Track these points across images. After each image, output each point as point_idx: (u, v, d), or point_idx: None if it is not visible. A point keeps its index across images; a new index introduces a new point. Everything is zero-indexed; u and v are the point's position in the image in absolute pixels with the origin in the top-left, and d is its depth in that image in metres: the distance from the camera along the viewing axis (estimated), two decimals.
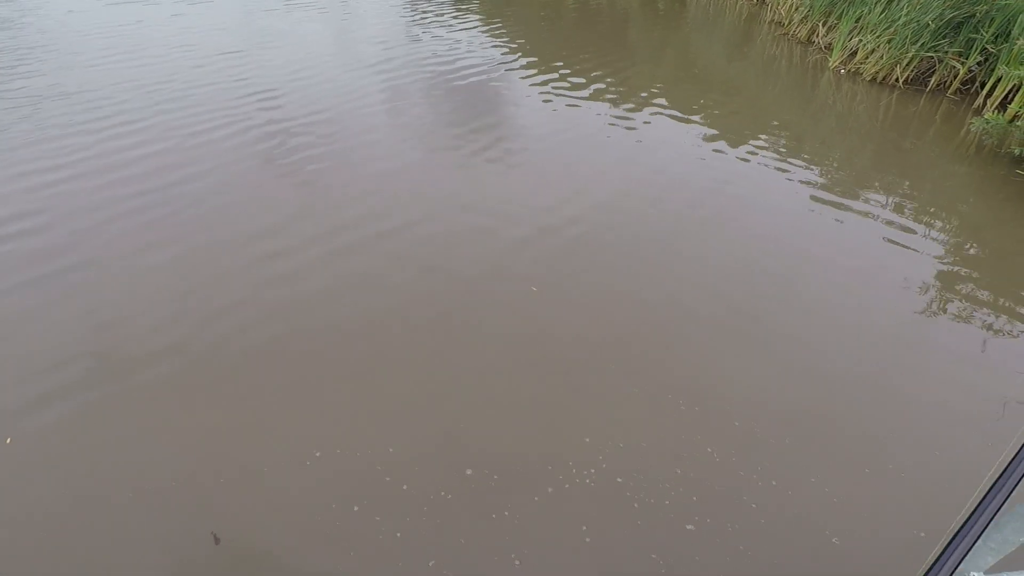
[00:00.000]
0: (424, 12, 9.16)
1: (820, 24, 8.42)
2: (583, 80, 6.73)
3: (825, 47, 8.16)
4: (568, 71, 6.98)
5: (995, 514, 0.86)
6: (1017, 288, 3.75)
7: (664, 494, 2.37)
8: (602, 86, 6.60)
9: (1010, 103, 5.96)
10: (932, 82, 7.01)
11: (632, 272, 3.67)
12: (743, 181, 4.85)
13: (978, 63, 6.66)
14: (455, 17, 8.98)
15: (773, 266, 3.84)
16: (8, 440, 2.46)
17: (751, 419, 2.72)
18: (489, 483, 2.38)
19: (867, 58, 7.26)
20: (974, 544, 0.86)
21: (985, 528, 0.86)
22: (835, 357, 3.13)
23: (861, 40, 7.31)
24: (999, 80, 6.32)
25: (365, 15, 8.77)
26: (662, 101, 6.33)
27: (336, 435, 2.54)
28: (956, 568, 0.86)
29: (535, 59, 7.39)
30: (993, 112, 5.92)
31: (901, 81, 7.05)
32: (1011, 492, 0.88)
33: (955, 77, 6.88)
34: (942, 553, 0.87)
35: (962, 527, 0.86)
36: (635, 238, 4.02)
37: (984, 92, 6.51)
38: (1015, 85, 6.11)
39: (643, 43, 8.94)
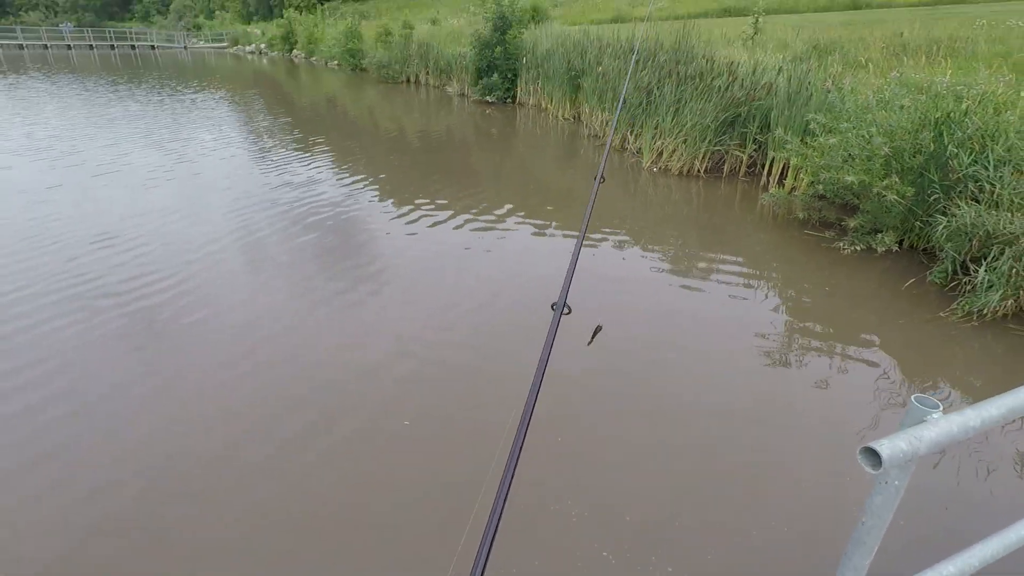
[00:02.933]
0: (273, 158, 9.30)
1: (629, 133, 9.83)
2: (435, 203, 7.11)
3: (636, 151, 9.48)
4: (420, 197, 7.36)
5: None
6: (837, 323, 4.38)
7: None
8: (454, 207, 7.00)
9: (785, 179, 7.28)
10: (726, 169, 8.37)
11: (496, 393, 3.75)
12: (598, 270, 5.30)
13: (754, 150, 8.11)
14: (303, 160, 9.20)
15: (644, 332, 4.15)
16: None
17: (642, 500, 2.79)
18: None
19: (671, 156, 8.53)
20: None
21: None
22: (709, 395, 3.39)
23: (663, 143, 8.62)
24: (773, 162, 7.72)
25: (215, 172, 8.69)
26: (515, 218, 6.84)
27: None
28: None
29: (387, 190, 7.72)
30: (776, 187, 7.15)
31: (702, 171, 8.34)
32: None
33: (741, 163, 8.28)
34: None
35: None
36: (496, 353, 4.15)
37: (765, 172, 7.89)
38: (784, 164, 7.49)
39: (485, 166, 9.76)
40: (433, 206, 7.06)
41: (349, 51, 24.94)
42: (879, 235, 5.36)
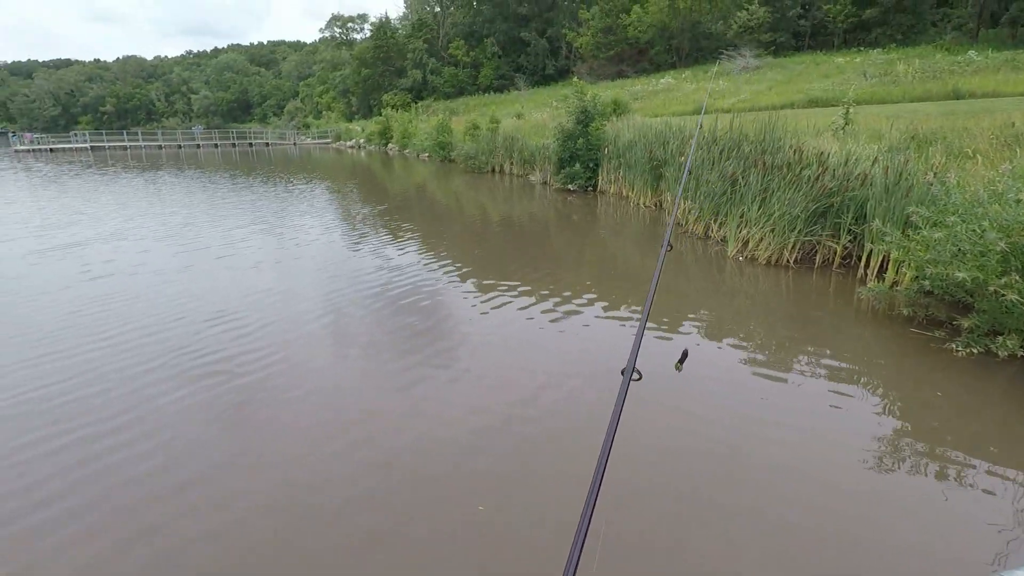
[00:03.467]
0: (368, 242, 9.96)
1: (712, 221, 9.76)
2: (517, 285, 7.27)
3: (721, 239, 9.35)
4: (503, 279, 7.56)
5: None
6: (952, 434, 3.93)
7: None
8: (537, 289, 7.12)
9: (885, 272, 6.87)
10: (818, 260, 8.04)
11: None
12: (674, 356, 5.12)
13: (849, 241, 7.77)
14: (394, 244, 9.79)
15: (724, 436, 3.90)
16: None
17: None
18: None
19: (758, 245, 8.33)
20: None
21: None
22: (803, 513, 3.06)
23: (749, 232, 8.46)
24: (871, 254, 7.34)
25: (315, 256, 9.42)
26: (592, 296, 6.86)
27: None
28: None
29: (471, 272, 8.00)
30: (874, 281, 6.76)
31: (792, 261, 8.05)
32: None
33: (835, 254, 7.93)
34: None
35: None
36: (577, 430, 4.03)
37: (863, 264, 7.50)
38: (883, 257, 7.10)
39: (566, 250, 9.95)
40: (514, 290, 7.20)
41: (439, 144, 26.88)
42: (999, 338, 4.87)
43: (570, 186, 15.89)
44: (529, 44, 51.49)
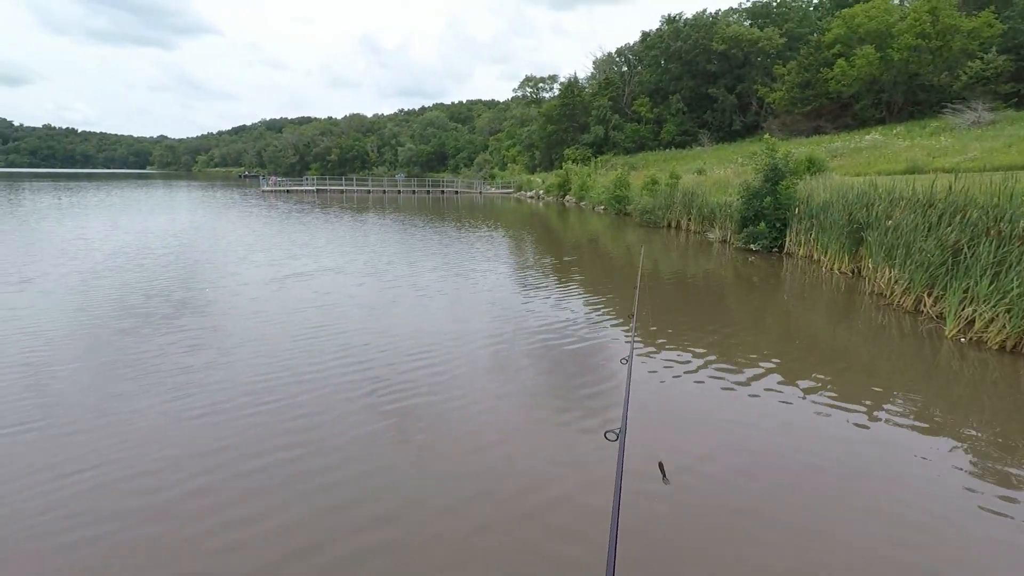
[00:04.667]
0: (537, 289, 10.44)
1: (925, 294, 8.55)
2: (687, 347, 7.05)
3: (936, 316, 8.14)
4: (672, 339, 7.38)
5: None
6: None
7: None
8: (708, 353, 6.84)
9: None
10: None
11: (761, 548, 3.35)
12: (869, 456, 4.54)
13: None
14: (560, 292, 10.12)
15: (925, 561, 3.35)
16: None
17: None
18: None
19: (987, 326, 7.11)
20: None
21: None
22: None
23: (976, 310, 7.27)
24: None
25: (489, 301, 10.14)
26: (769, 366, 6.39)
27: None
28: None
29: (638, 326, 7.94)
30: None
31: None
32: None
33: None
34: None
35: None
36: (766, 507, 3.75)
37: None
38: None
39: (742, 312, 9.40)
40: (680, 348, 6.99)
41: (616, 197, 27.30)
42: None
43: (752, 246, 15.07)
44: (717, 100, 50.45)
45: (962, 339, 7.30)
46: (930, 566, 3.29)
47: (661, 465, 4.07)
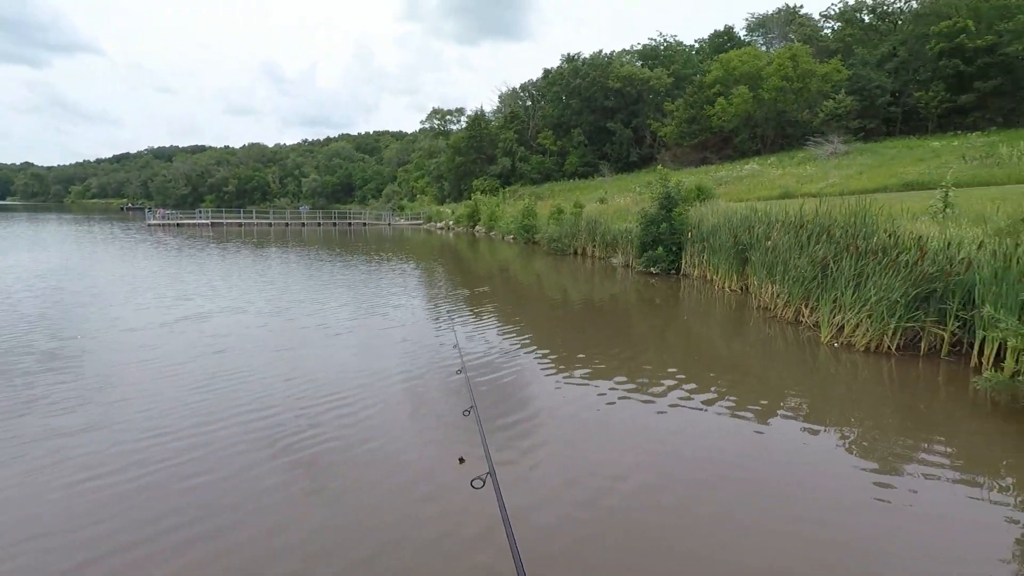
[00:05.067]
0: (446, 320, 10.41)
1: (803, 306, 9.43)
2: (597, 367, 7.29)
3: (813, 325, 8.98)
4: (584, 363, 7.61)
5: None
6: None
7: None
8: (615, 372, 7.10)
9: (1003, 361, 6.30)
10: (923, 347, 7.52)
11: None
12: (773, 454, 4.89)
13: (958, 327, 7.24)
14: (472, 322, 10.16)
15: (832, 536, 3.64)
16: None
17: None
18: None
19: (854, 331, 7.93)
20: None
21: None
22: None
23: (844, 317, 8.10)
24: (984, 341, 6.79)
25: (401, 331, 9.97)
26: (672, 383, 6.72)
27: None
28: None
29: (550, 351, 8.11)
30: (991, 371, 6.22)
31: (893, 348, 7.57)
32: None
33: (942, 341, 7.39)
34: None
35: None
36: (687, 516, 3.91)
37: (975, 352, 6.93)
38: (1000, 344, 6.54)
39: (647, 332, 9.88)
40: (592, 371, 7.22)
41: (524, 227, 27.99)
42: None
43: (652, 269, 15.94)
44: (615, 133, 53.50)
45: (835, 344, 8.09)
46: (833, 556, 3.57)
47: (461, 460, 4.67)
